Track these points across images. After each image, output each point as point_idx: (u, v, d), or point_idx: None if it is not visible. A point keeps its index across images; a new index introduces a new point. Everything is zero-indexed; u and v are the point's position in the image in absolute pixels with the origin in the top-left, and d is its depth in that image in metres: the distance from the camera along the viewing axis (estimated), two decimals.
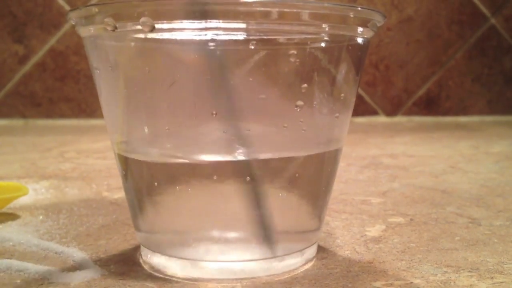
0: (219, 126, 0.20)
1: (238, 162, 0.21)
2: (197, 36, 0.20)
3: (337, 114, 0.22)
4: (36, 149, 0.61)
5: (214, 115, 0.20)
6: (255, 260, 0.22)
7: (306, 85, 0.21)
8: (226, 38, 0.19)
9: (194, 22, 0.19)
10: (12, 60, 0.91)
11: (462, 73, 1.01)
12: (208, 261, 0.22)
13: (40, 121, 0.92)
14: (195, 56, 0.20)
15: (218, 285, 0.21)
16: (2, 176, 0.45)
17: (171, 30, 0.19)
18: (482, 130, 0.83)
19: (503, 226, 0.29)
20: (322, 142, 0.23)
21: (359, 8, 0.21)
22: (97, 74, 0.22)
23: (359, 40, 0.22)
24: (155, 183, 0.22)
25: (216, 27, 0.19)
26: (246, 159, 0.21)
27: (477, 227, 0.29)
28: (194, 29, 0.19)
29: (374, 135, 0.76)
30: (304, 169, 0.22)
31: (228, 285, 0.21)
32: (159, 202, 0.22)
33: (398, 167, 0.49)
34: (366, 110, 0.99)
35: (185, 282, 0.22)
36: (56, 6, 0.90)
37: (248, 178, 0.21)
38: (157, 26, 0.19)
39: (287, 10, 0.19)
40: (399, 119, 0.99)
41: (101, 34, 0.21)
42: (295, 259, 0.23)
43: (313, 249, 0.24)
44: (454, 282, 0.22)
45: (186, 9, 0.19)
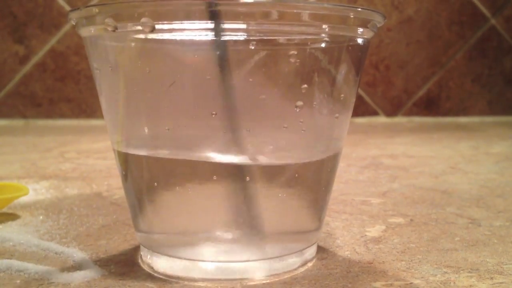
0: (219, 127, 0.20)
1: (237, 163, 0.21)
2: (197, 36, 0.20)
3: (337, 114, 0.22)
4: (36, 149, 0.61)
5: (214, 115, 0.20)
6: (255, 260, 0.22)
7: (306, 85, 0.21)
8: (226, 38, 0.19)
9: (194, 23, 0.19)
10: (12, 60, 0.91)
11: (462, 73, 1.01)
12: (208, 261, 0.22)
13: (40, 121, 0.92)
14: (195, 56, 0.20)
15: (218, 285, 0.21)
16: (3, 176, 0.45)
17: (172, 30, 0.19)
18: (482, 130, 0.83)
19: (503, 227, 0.29)
20: (322, 143, 0.23)
21: (359, 8, 0.21)
22: (97, 74, 0.22)
23: (359, 40, 0.22)
24: (155, 184, 0.22)
25: (216, 28, 0.19)
26: (245, 160, 0.21)
27: (477, 228, 0.29)
28: (194, 29, 0.19)
29: (374, 136, 0.76)
30: (304, 169, 0.22)
31: (228, 285, 0.21)
32: (159, 203, 0.22)
33: (398, 168, 0.49)
34: (366, 111, 0.99)
35: (185, 282, 0.22)
36: (56, 6, 0.90)
37: (247, 178, 0.21)
38: (157, 26, 0.19)
39: (287, 10, 0.19)
40: (399, 120, 0.99)
41: (101, 35, 0.21)
42: (295, 259, 0.23)
43: (313, 249, 0.24)
44: (454, 283, 0.22)
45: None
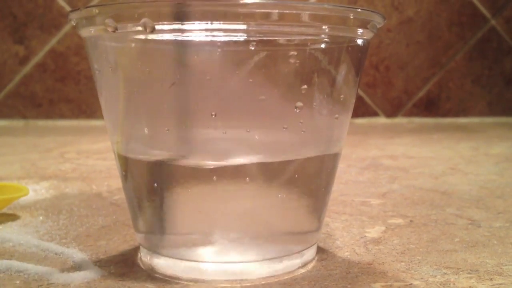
0: (219, 127, 0.20)
1: (237, 163, 0.21)
2: (197, 37, 0.20)
3: (337, 115, 0.22)
4: (36, 149, 0.61)
5: (214, 116, 0.20)
6: (255, 261, 0.22)
7: (306, 86, 0.21)
8: (226, 39, 0.20)
9: (194, 23, 0.19)
10: (12, 61, 0.91)
11: (462, 74, 1.01)
12: (207, 262, 0.22)
13: (40, 121, 0.92)
14: (195, 57, 0.20)
15: (218, 286, 0.21)
16: (2, 176, 0.45)
17: (172, 31, 0.19)
18: (482, 131, 0.83)
19: (503, 228, 0.29)
20: (321, 143, 0.23)
21: (359, 9, 0.21)
22: (97, 75, 0.22)
23: (359, 41, 0.22)
24: (155, 184, 0.22)
25: (216, 28, 0.19)
26: (245, 160, 0.21)
27: (476, 229, 0.29)
28: (195, 30, 0.19)
29: (374, 136, 0.76)
30: (303, 170, 0.22)
31: (227, 286, 0.21)
32: (159, 203, 0.22)
33: (398, 169, 0.49)
34: (366, 111, 0.99)
35: (184, 283, 0.22)
36: (56, 7, 0.90)
37: (247, 179, 0.21)
38: (157, 27, 0.19)
39: (287, 11, 0.19)
40: (399, 120, 0.99)
41: (101, 35, 0.21)
42: (295, 260, 0.23)
43: (312, 250, 0.24)
44: (454, 284, 0.22)
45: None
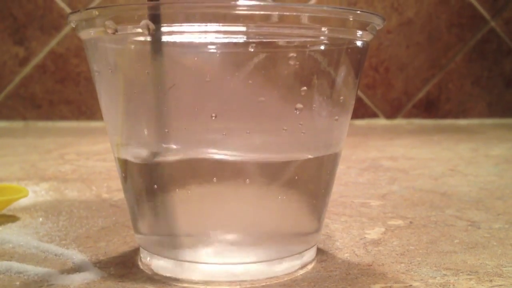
0: (219, 129, 0.20)
1: (237, 165, 0.21)
2: (197, 39, 0.20)
3: (336, 117, 0.22)
4: (36, 151, 0.61)
5: (213, 118, 0.20)
6: (255, 262, 0.22)
7: (305, 88, 0.21)
8: (226, 41, 0.20)
9: (194, 25, 0.19)
10: (12, 62, 0.91)
11: (462, 75, 1.01)
12: (207, 263, 0.22)
13: (40, 123, 0.92)
14: (195, 59, 0.20)
15: (218, 287, 0.21)
16: (2, 178, 0.45)
17: (171, 33, 0.19)
18: (482, 132, 0.83)
19: (503, 229, 0.29)
20: (321, 145, 0.23)
21: (358, 11, 0.21)
22: (97, 76, 0.23)
23: (359, 43, 0.22)
24: (155, 186, 0.22)
25: (216, 30, 0.19)
26: (245, 162, 0.21)
27: (476, 230, 0.29)
28: (194, 32, 0.19)
29: (373, 138, 0.76)
30: (303, 171, 0.22)
31: (227, 287, 0.21)
32: (159, 205, 0.22)
33: (398, 170, 0.49)
34: (366, 113, 0.99)
35: (184, 284, 0.22)
36: (56, 8, 0.90)
37: (247, 180, 0.21)
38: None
39: (287, 13, 0.19)
40: (399, 122, 0.99)
41: (101, 37, 0.21)
42: (295, 262, 0.23)
43: (312, 251, 0.24)
44: (453, 285, 0.22)
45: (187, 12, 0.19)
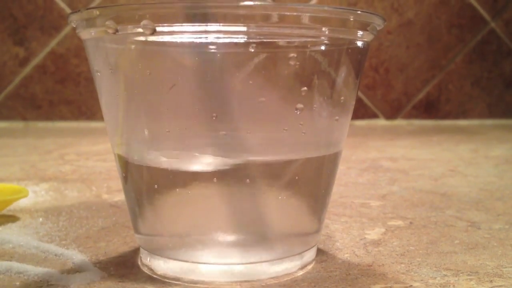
0: (219, 129, 0.20)
1: (238, 165, 0.21)
2: (197, 39, 0.20)
3: (337, 117, 0.22)
4: (36, 151, 0.61)
5: (214, 118, 0.20)
6: (255, 262, 0.22)
7: (306, 88, 0.21)
8: (226, 41, 0.20)
9: (195, 25, 0.19)
10: (12, 62, 0.91)
11: (462, 76, 1.01)
12: (207, 263, 0.22)
13: (40, 123, 0.92)
14: (196, 59, 0.20)
15: (218, 287, 0.21)
16: (2, 178, 0.45)
17: (172, 33, 0.19)
18: (482, 133, 0.83)
19: (503, 230, 0.29)
20: (321, 145, 0.23)
21: (359, 11, 0.21)
22: (97, 76, 0.23)
23: (359, 43, 0.22)
24: (155, 186, 0.22)
25: (216, 30, 0.19)
26: (246, 162, 0.21)
27: (476, 231, 0.29)
28: (195, 32, 0.19)
29: (373, 138, 0.76)
30: (303, 172, 0.22)
31: (227, 287, 0.21)
32: (159, 205, 0.22)
33: (398, 171, 0.49)
34: (366, 113, 0.99)
35: (184, 284, 0.22)
36: (57, 8, 0.90)
37: (248, 180, 0.21)
38: (158, 29, 0.19)
39: (287, 13, 0.19)
40: (399, 123, 0.99)
41: (102, 37, 0.21)
42: (295, 262, 0.23)
43: (312, 252, 0.24)
44: (453, 286, 0.22)
45: (187, 12, 0.19)
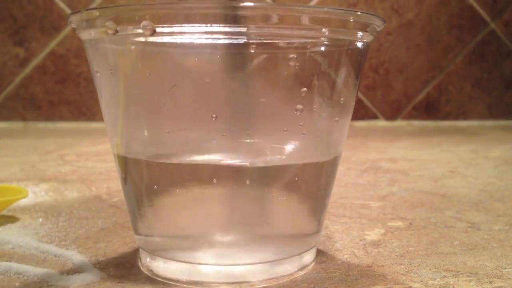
0: (219, 130, 0.20)
1: (237, 166, 0.21)
2: (197, 39, 0.20)
3: (336, 118, 0.22)
4: (36, 151, 0.61)
5: (214, 119, 0.20)
6: (254, 263, 0.22)
7: (305, 89, 0.21)
8: (226, 42, 0.20)
9: (194, 26, 0.19)
10: (12, 63, 0.91)
11: (462, 77, 1.01)
12: (207, 264, 0.22)
13: (40, 124, 0.92)
14: (195, 59, 0.20)
15: None
16: (2, 178, 0.45)
17: (172, 34, 0.19)
18: (482, 134, 0.83)
19: (502, 231, 0.29)
20: (321, 146, 0.23)
21: (359, 12, 0.21)
22: (97, 77, 0.23)
23: (359, 44, 0.22)
24: (155, 187, 0.22)
25: (216, 31, 0.19)
26: (245, 163, 0.21)
27: (476, 232, 0.29)
28: (195, 33, 0.19)
29: (373, 139, 0.76)
30: (303, 172, 0.22)
31: None
32: (159, 206, 0.22)
33: (398, 171, 0.49)
34: (366, 114, 0.99)
35: (184, 285, 0.22)
36: (57, 9, 0.90)
37: (247, 181, 0.21)
38: (157, 30, 0.19)
39: (287, 14, 0.19)
40: (399, 123, 0.99)
41: (102, 38, 0.21)
42: (294, 263, 0.23)
43: (312, 253, 0.24)
44: (453, 287, 0.22)
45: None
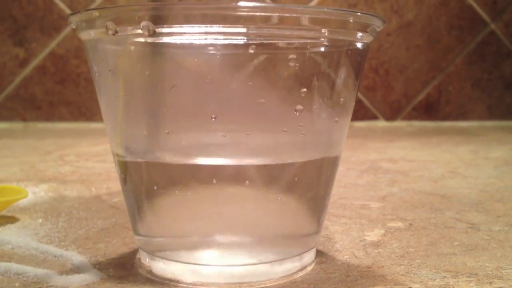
0: (219, 130, 0.20)
1: (237, 166, 0.21)
2: (197, 40, 0.20)
3: (336, 118, 0.22)
4: (35, 152, 0.61)
5: (213, 119, 0.20)
6: (254, 264, 0.22)
7: (305, 89, 0.21)
8: (226, 42, 0.20)
9: (194, 26, 0.19)
10: (12, 63, 0.91)
11: (462, 78, 1.01)
12: (207, 265, 0.22)
13: (40, 124, 0.92)
14: (195, 60, 0.20)
15: None
16: (2, 179, 0.45)
17: (171, 34, 0.19)
18: (482, 135, 0.83)
19: (502, 231, 0.29)
20: (321, 146, 0.23)
21: (359, 13, 0.21)
22: (97, 77, 0.22)
23: (359, 45, 0.22)
24: (154, 187, 0.22)
25: (216, 32, 0.19)
26: (245, 163, 0.21)
27: (476, 232, 0.29)
28: (194, 33, 0.19)
29: (373, 140, 0.76)
30: (303, 173, 0.22)
31: None
32: (158, 206, 0.22)
33: (398, 172, 0.49)
34: (366, 115, 0.99)
35: (183, 286, 0.21)
36: (56, 9, 0.90)
37: (247, 182, 0.21)
38: (157, 30, 0.19)
39: (287, 14, 0.19)
40: (399, 124, 0.99)
41: (101, 38, 0.21)
42: (294, 264, 0.23)
43: (312, 253, 0.24)
44: (453, 287, 0.22)
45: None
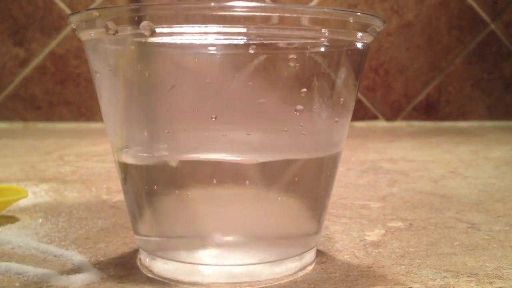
0: (219, 130, 0.20)
1: (237, 166, 0.21)
2: (197, 40, 0.20)
3: (336, 118, 0.22)
4: (35, 152, 0.61)
5: (213, 119, 0.20)
6: (255, 264, 0.22)
7: (305, 89, 0.21)
8: (226, 42, 0.20)
9: (194, 27, 0.19)
10: (12, 63, 0.91)
11: (462, 78, 1.01)
12: (207, 264, 0.22)
13: (40, 124, 0.92)
14: (195, 60, 0.20)
15: None
16: (2, 179, 0.45)
17: (172, 34, 0.19)
18: (482, 135, 0.83)
19: (502, 231, 0.29)
20: (321, 147, 0.23)
21: (359, 13, 0.21)
22: (97, 77, 0.23)
23: (359, 45, 0.22)
24: (155, 187, 0.22)
25: (216, 32, 0.19)
26: (245, 163, 0.21)
27: (476, 232, 0.29)
28: (194, 33, 0.19)
29: (373, 140, 0.76)
30: (303, 173, 0.22)
31: None
32: (159, 206, 0.22)
33: (398, 172, 0.49)
34: (366, 115, 0.99)
35: (184, 286, 0.22)
36: (56, 9, 0.90)
37: (247, 182, 0.21)
38: (157, 30, 0.19)
39: (287, 15, 0.19)
40: (399, 124, 0.99)
41: (101, 38, 0.21)
42: (294, 263, 0.23)
43: (312, 253, 0.24)
44: (453, 287, 0.22)
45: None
